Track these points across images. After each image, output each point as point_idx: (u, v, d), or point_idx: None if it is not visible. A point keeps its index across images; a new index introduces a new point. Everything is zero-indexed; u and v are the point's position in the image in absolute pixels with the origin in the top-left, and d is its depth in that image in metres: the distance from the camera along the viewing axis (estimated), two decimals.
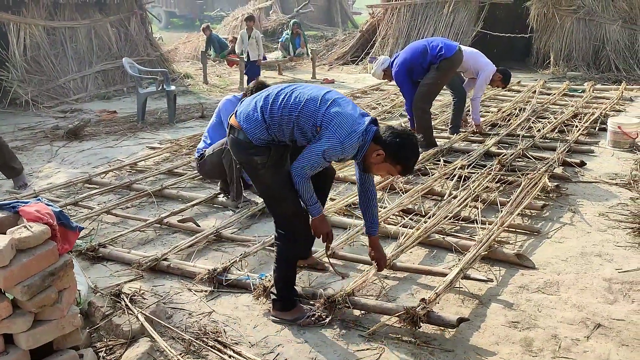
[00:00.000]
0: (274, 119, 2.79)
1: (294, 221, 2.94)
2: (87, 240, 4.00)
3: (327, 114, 2.72)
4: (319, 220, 2.93)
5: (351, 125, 2.71)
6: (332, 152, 2.72)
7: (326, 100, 2.77)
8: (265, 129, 2.81)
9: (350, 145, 2.72)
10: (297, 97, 2.80)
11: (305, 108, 2.76)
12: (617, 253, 3.87)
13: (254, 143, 2.83)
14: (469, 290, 3.37)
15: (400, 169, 2.80)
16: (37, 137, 7.24)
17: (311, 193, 2.84)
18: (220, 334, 2.92)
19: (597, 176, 5.37)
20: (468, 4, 12.46)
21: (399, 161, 2.77)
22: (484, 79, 6.51)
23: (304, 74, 12.44)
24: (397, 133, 2.75)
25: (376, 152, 2.75)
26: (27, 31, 9.22)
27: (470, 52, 6.55)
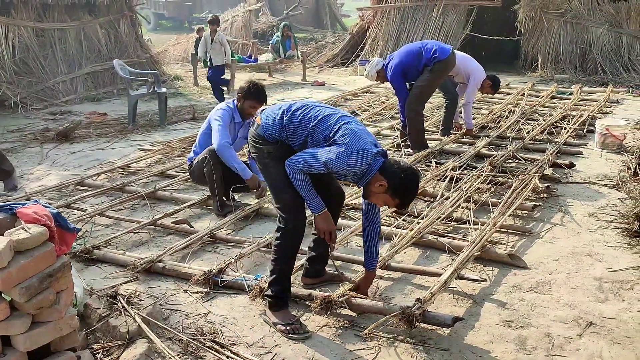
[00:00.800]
0: (291, 124, 2.94)
1: (293, 213, 3.00)
2: (81, 242, 3.99)
3: (342, 128, 2.84)
4: (322, 218, 2.97)
5: (363, 145, 2.80)
6: (337, 162, 2.78)
7: (343, 119, 2.91)
8: (279, 130, 2.96)
9: (356, 162, 2.78)
10: (318, 111, 2.96)
11: (322, 120, 2.90)
12: (607, 253, 3.93)
13: (266, 138, 3.00)
14: (463, 290, 3.41)
15: (398, 202, 2.86)
16: (26, 139, 7.19)
17: (308, 187, 2.89)
18: (217, 335, 2.93)
19: (586, 177, 5.44)
20: (457, 7, 12.56)
21: (398, 196, 2.83)
22: (475, 83, 6.58)
23: (294, 76, 12.46)
24: (404, 169, 2.81)
25: (379, 183, 2.81)
26: (15, 32, 9.16)
27: (462, 57, 6.61)
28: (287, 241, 3.02)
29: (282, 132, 2.96)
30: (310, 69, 13.47)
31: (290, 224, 3.00)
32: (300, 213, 3.02)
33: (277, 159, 2.96)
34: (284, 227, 3.01)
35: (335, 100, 9.11)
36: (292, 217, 3.00)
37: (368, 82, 10.97)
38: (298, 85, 11.43)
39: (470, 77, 6.59)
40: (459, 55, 6.62)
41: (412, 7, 12.80)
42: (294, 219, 3.00)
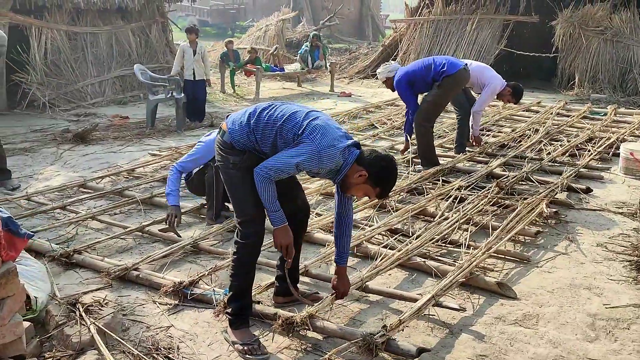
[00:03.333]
0: (259, 125, 2.84)
1: (253, 227, 2.90)
2: (64, 245, 3.98)
3: (310, 124, 2.75)
4: (280, 231, 2.84)
5: (333, 139, 2.73)
6: (308, 161, 2.70)
7: (310, 115, 2.82)
8: (247, 134, 2.85)
9: (328, 158, 2.70)
10: (284, 110, 2.87)
11: (289, 118, 2.81)
12: (609, 287, 3.66)
13: (234, 145, 2.88)
14: (441, 319, 3.22)
15: (379, 191, 2.83)
16: (46, 139, 7.34)
17: (273, 197, 2.77)
18: (172, 351, 2.84)
19: (602, 204, 5.14)
20: (492, 22, 12.27)
21: (379, 184, 2.79)
22: (489, 92, 6.35)
23: (322, 86, 12.40)
24: (381, 157, 2.79)
25: (359, 173, 2.76)
26: (48, 35, 9.41)
27: (477, 66, 6.40)
28: (244, 256, 2.91)
29: (250, 135, 2.83)
30: (341, 79, 13.41)
31: (249, 239, 2.89)
32: (260, 228, 2.92)
33: (242, 170, 2.85)
34: (242, 242, 2.90)
35: (357, 112, 9.00)
36: (252, 232, 2.89)
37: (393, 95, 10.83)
38: (325, 96, 11.36)
39: (486, 87, 6.36)
40: (475, 65, 6.43)
41: (446, 21, 12.57)
42: (254, 234, 2.90)
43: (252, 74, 10.87)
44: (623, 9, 11.15)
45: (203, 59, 8.33)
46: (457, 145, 6.57)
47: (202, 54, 8.32)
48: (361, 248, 3.98)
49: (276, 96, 11.26)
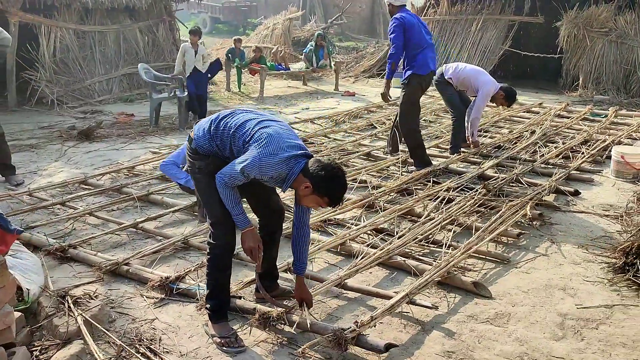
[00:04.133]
0: (217, 133, 2.98)
1: (218, 228, 3.04)
2: (61, 240, 4.16)
3: (258, 132, 2.84)
4: (246, 234, 2.97)
5: (277, 148, 2.79)
6: (250, 168, 2.79)
7: (262, 124, 2.90)
8: (208, 140, 2.99)
9: (268, 166, 2.77)
10: (240, 117, 2.98)
11: (241, 126, 2.92)
12: (583, 288, 3.77)
13: (199, 150, 3.03)
14: (415, 316, 3.35)
15: (327, 200, 2.83)
16: (52, 136, 7.54)
17: (234, 201, 2.89)
18: (154, 342, 3.00)
19: (590, 206, 5.22)
20: (497, 22, 12.31)
21: (325, 193, 2.80)
22: (482, 97, 6.44)
23: (327, 85, 12.52)
24: (323, 166, 2.78)
25: (304, 185, 2.79)
26: (57, 34, 9.62)
27: (471, 70, 6.50)
28: (217, 256, 3.06)
29: (211, 141, 2.97)
30: (346, 78, 13.52)
31: (219, 240, 3.03)
32: (230, 229, 3.04)
33: (207, 174, 2.97)
34: (213, 242, 3.05)
35: (358, 112, 9.11)
36: (221, 233, 3.03)
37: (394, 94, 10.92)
38: (328, 95, 11.47)
39: (479, 92, 6.45)
40: (469, 68, 6.53)
41: (452, 21, 12.63)
42: (224, 235, 3.04)
43: (257, 72, 11.02)
44: (628, 10, 11.13)
45: (203, 59, 8.40)
46: (452, 146, 6.68)
47: (203, 55, 8.40)
48: (345, 247, 4.11)
49: (281, 94, 11.39)
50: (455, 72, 6.51)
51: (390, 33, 5.92)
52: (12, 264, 3.36)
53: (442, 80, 6.60)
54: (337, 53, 16.79)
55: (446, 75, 6.54)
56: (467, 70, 6.49)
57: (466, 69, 6.49)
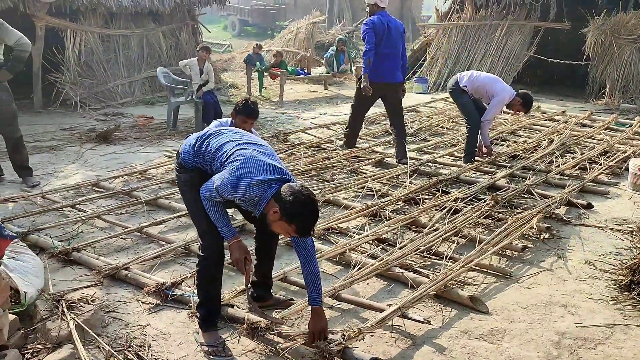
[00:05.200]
0: (200, 151, 3.04)
1: (206, 239, 3.08)
2: (66, 243, 4.24)
3: (234, 154, 2.87)
4: (232, 246, 2.98)
5: (251, 171, 2.77)
6: (222, 189, 2.81)
7: (240, 147, 2.92)
8: (193, 157, 3.06)
9: (238, 189, 2.76)
10: (222, 139, 3.02)
11: (220, 148, 2.96)
12: (585, 306, 3.68)
13: (184, 165, 3.09)
14: (407, 330, 3.31)
15: (295, 228, 2.70)
16: (72, 138, 7.70)
17: (218, 213, 2.92)
18: (143, 348, 3.04)
19: (602, 220, 5.09)
20: (522, 28, 12.12)
21: (293, 220, 2.68)
22: (497, 102, 6.35)
23: (348, 89, 12.49)
24: (293, 191, 2.69)
25: (273, 210, 2.71)
26: (82, 37, 9.84)
27: (486, 78, 6.42)
28: (204, 267, 3.09)
29: (196, 158, 3.03)
30: None
31: (207, 252, 3.07)
32: (215, 241, 3.06)
33: (193, 187, 3.01)
34: (202, 254, 3.09)
35: (374, 118, 9.06)
36: (208, 245, 3.07)
37: (414, 101, 10.87)
38: (349, 100, 11.40)
39: (494, 97, 6.37)
40: (484, 76, 6.46)
41: (475, 26, 12.48)
42: (210, 247, 3.07)
43: (278, 77, 11.08)
44: None
45: (209, 77, 8.29)
46: (465, 155, 6.58)
47: (208, 74, 8.28)
48: (344, 257, 4.09)
49: (301, 99, 11.43)
50: (470, 80, 6.44)
51: (364, 33, 6.48)
52: (13, 266, 3.45)
53: (457, 88, 6.54)
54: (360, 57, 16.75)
55: (461, 83, 6.47)
56: (482, 78, 6.41)
57: (481, 77, 6.41)
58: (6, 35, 5.30)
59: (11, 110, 5.64)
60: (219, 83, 11.65)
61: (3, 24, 5.29)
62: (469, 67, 11.97)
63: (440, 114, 9.22)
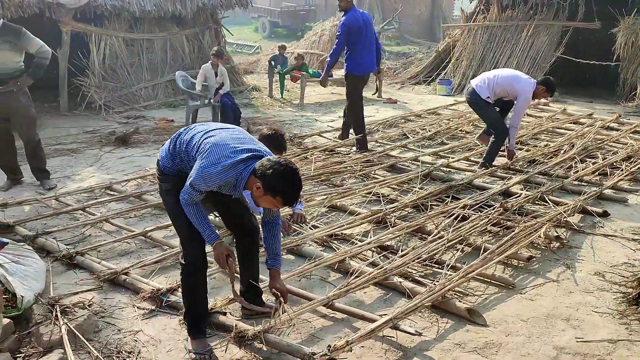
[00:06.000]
0: (176, 150, 3.05)
1: (187, 247, 3.10)
2: (72, 247, 4.32)
3: (203, 143, 2.88)
4: (215, 247, 3.00)
5: (220, 156, 2.77)
6: (197, 182, 2.81)
7: (209, 133, 2.94)
8: (171, 159, 3.06)
9: (211, 176, 2.76)
10: (192, 132, 3.03)
11: (190, 141, 2.97)
12: (589, 319, 3.55)
13: (164, 171, 3.09)
14: (399, 341, 3.26)
15: (280, 200, 2.75)
16: (93, 140, 7.86)
17: (198, 218, 2.92)
18: (132, 355, 3.07)
19: (618, 229, 4.92)
20: (550, 28, 11.83)
21: (276, 193, 2.73)
22: (523, 103, 6.17)
23: (369, 91, 12.37)
24: (271, 164, 2.70)
25: (256, 185, 2.74)
26: (107, 42, 10.03)
27: (503, 80, 6.20)
28: (186, 276, 3.12)
29: (174, 159, 3.03)
30: (392, 85, 13.38)
31: (187, 259, 3.10)
32: (197, 249, 3.08)
33: (174, 195, 3.01)
34: (183, 262, 3.12)
35: (394, 121, 8.98)
36: (189, 252, 3.09)
37: (437, 103, 10.73)
38: (370, 102, 11.36)
39: (518, 98, 6.18)
40: (500, 78, 6.22)
41: (501, 27, 12.25)
42: (191, 254, 3.09)
43: (298, 79, 11.08)
44: None
45: (223, 79, 8.50)
46: (483, 161, 6.39)
47: (223, 76, 8.49)
48: (343, 264, 4.05)
49: (322, 101, 11.41)
50: (491, 89, 6.17)
51: (339, 34, 6.90)
52: (13, 270, 3.54)
53: (479, 100, 6.23)
54: (386, 59, 16.63)
55: (483, 96, 6.18)
56: (500, 81, 6.18)
57: (498, 80, 6.19)
58: (28, 43, 5.48)
59: (31, 115, 5.79)
60: (240, 85, 11.74)
61: (26, 33, 5.47)
62: (493, 68, 11.69)
63: (460, 117, 9.07)
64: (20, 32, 5.40)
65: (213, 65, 8.39)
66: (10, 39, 5.35)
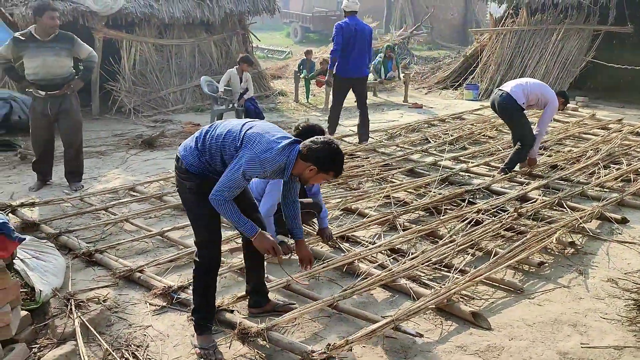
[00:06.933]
0: (205, 146, 3.09)
1: (204, 248, 3.18)
2: (92, 245, 4.49)
3: (246, 134, 2.98)
4: (257, 239, 3.07)
5: (268, 142, 2.93)
6: (251, 169, 2.90)
7: (246, 126, 3.04)
8: (197, 157, 3.10)
9: (267, 160, 2.89)
10: (223, 127, 3.11)
11: (228, 134, 3.04)
12: (597, 326, 3.52)
13: (188, 170, 3.13)
14: (401, 342, 3.29)
15: (333, 174, 3.04)
16: (120, 143, 8.10)
17: (235, 214, 2.98)
18: (140, 348, 3.18)
19: (637, 236, 4.84)
20: (581, 32, 11.64)
21: (330, 169, 2.99)
22: (552, 111, 6.26)
23: (397, 96, 12.44)
24: (319, 146, 2.94)
25: (308, 168, 2.96)
26: (137, 48, 10.33)
27: (535, 86, 6.23)
28: (200, 275, 3.20)
29: (201, 157, 3.07)
30: (419, 89, 13.36)
31: (204, 260, 3.18)
32: (214, 251, 3.19)
33: (198, 195, 3.09)
34: (198, 262, 3.20)
35: (417, 126, 8.98)
36: (206, 254, 3.18)
37: (463, 108, 10.67)
38: (395, 107, 11.41)
39: (548, 105, 6.20)
40: (532, 84, 6.27)
41: (530, 31, 12.11)
42: (208, 256, 3.18)
43: (323, 84, 11.17)
44: None
45: (248, 85, 8.68)
46: (504, 168, 6.34)
47: (247, 82, 8.67)
48: (352, 266, 4.10)
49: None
50: (525, 95, 6.12)
51: (334, 35, 7.54)
52: (34, 265, 3.71)
53: (514, 106, 6.14)
54: (414, 63, 16.62)
55: (520, 102, 6.10)
56: (532, 86, 6.18)
57: (530, 86, 6.18)
58: (80, 49, 5.85)
59: (79, 118, 6.11)
60: (267, 90, 11.91)
61: (78, 40, 5.84)
62: (522, 73, 11.63)
63: (485, 122, 9.01)
64: (74, 39, 5.78)
65: (238, 71, 8.56)
66: (67, 46, 5.72)
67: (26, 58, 5.63)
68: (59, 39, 5.68)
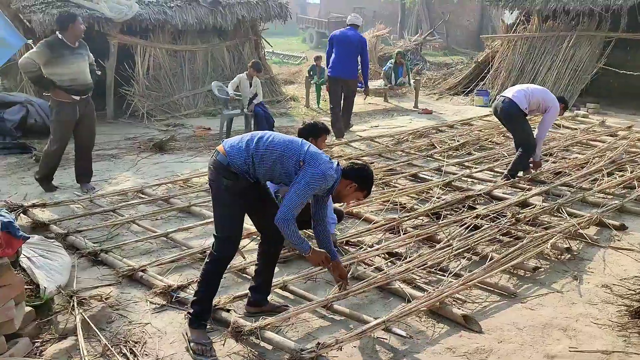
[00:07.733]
0: (259, 152, 3.21)
1: (227, 246, 3.35)
2: (97, 245, 4.63)
3: (309, 152, 3.23)
4: (311, 256, 3.40)
5: (327, 162, 3.27)
6: (317, 182, 3.17)
7: (306, 144, 3.30)
8: (244, 158, 3.20)
9: (330, 176, 3.22)
10: (282, 137, 3.31)
11: (290, 145, 3.24)
12: (587, 330, 3.57)
13: (230, 168, 3.23)
14: (391, 343, 3.37)
15: (365, 193, 3.44)
16: (132, 147, 8.28)
17: (296, 235, 3.23)
18: (138, 345, 3.30)
19: (636, 243, 4.86)
20: (592, 39, 11.61)
21: (364, 188, 3.39)
22: (553, 115, 6.34)
23: (408, 102, 12.50)
24: (359, 168, 3.41)
25: (349, 186, 3.33)
26: (151, 53, 10.53)
27: (538, 91, 6.37)
28: (213, 267, 3.35)
29: (247, 159, 3.18)
30: (430, 95, 13.41)
31: (221, 254, 3.34)
32: (232, 250, 3.38)
33: (232, 194, 3.23)
34: (214, 254, 3.34)
35: (424, 131, 9.03)
36: (224, 249, 3.33)
37: (472, 114, 10.70)
38: (405, 112, 11.48)
39: (549, 110, 6.28)
40: (533, 89, 6.40)
41: (542, 38, 12.10)
42: (226, 251, 3.35)
43: None
44: None
45: (257, 90, 8.74)
46: (507, 174, 6.39)
47: (256, 87, 8.74)
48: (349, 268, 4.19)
49: (357, 111, 11.53)
50: (528, 101, 6.19)
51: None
52: (40, 263, 3.86)
53: (516, 111, 6.20)
54: (427, 69, 16.66)
55: (522, 107, 6.17)
56: (533, 92, 6.27)
57: (532, 92, 6.26)
58: (89, 55, 6.11)
59: (95, 120, 6.36)
60: (278, 95, 12.05)
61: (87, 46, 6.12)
62: (533, 80, 11.63)
63: (492, 128, 9.04)
64: (86, 45, 6.08)
65: (248, 76, 8.68)
66: (87, 51, 6.03)
67: (61, 65, 5.76)
68: (81, 45, 5.97)
